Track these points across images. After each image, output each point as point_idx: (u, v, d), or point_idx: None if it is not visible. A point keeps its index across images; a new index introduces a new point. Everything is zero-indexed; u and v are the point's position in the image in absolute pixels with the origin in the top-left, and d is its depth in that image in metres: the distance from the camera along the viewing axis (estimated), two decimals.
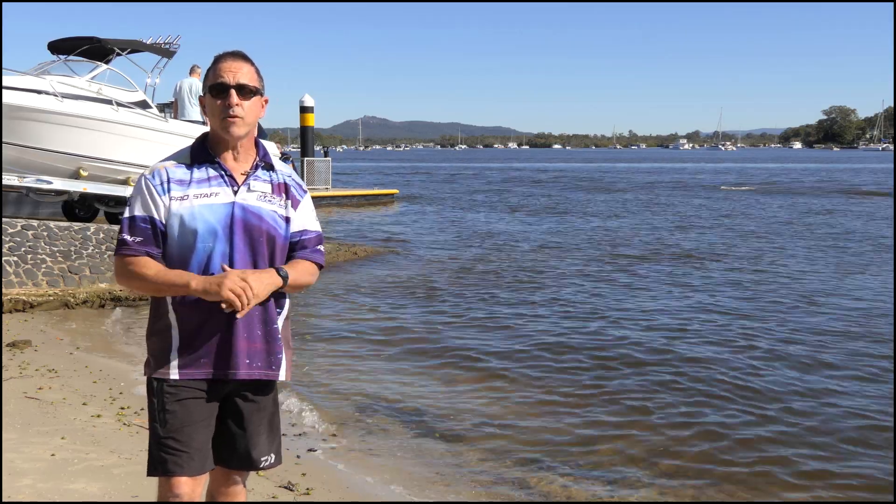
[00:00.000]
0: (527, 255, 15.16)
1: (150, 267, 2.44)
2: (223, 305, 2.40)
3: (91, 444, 4.83)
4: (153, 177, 2.51)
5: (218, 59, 2.55)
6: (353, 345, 8.33)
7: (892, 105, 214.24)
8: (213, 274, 2.46)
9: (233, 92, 2.48)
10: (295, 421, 5.88)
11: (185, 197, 2.48)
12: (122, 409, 5.70)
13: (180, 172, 2.51)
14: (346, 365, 7.56)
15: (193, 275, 2.42)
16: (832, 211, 25.01)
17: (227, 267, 2.45)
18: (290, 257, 2.63)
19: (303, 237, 2.64)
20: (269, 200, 2.57)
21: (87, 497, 4.00)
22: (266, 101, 2.63)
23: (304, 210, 2.66)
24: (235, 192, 2.52)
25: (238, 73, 2.50)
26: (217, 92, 2.49)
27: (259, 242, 2.52)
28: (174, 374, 2.49)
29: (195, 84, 14.17)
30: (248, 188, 2.54)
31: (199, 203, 2.48)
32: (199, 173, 2.52)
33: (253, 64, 2.58)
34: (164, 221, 2.48)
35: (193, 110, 14.13)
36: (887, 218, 22.25)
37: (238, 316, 2.44)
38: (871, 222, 21.33)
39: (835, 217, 22.95)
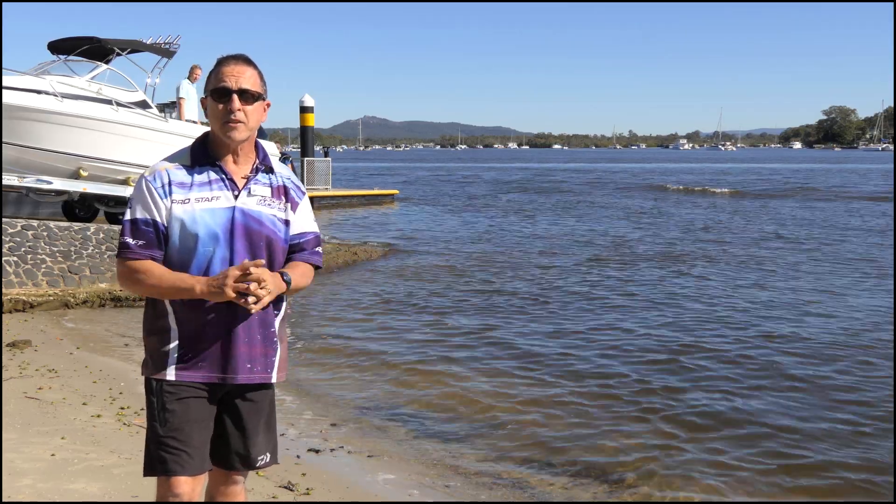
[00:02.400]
0: (530, 255, 15.15)
1: (154, 272, 2.44)
2: (242, 301, 2.38)
3: (91, 444, 4.83)
4: (154, 179, 2.49)
5: (221, 62, 2.53)
6: (353, 345, 8.33)
7: (892, 105, 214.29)
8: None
9: (235, 97, 2.46)
10: (295, 421, 5.88)
11: (187, 200, 2.47)
12: (122, 409, 5.70)
13: (181, 175, 2.50)
14: (346, 365, 7.56)
15: (198, 278, 2.42)
16: None
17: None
18: (288, 259, 2.63)
19: (301, 239, 2.64)
20: (269, 204, 2.56)
21: (87, 497, 4.01)
22: (268, 105, 2.61)
23: (303, 212, 2.67)
24: (236, 197, 2.51)
25: (241, 78, 2.48)
26: (219, 96, 2.48)
27: (259, 247, 2.52)
28: (171, 375, 2.48)
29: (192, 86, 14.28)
30: (249, 192, 2.54)
31: (200, 207, 2.47)
32: (199, 176, 2.51)
33: (256, 68, 2.56)
34: (165, 224, 2.47)
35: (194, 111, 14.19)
36: None
37: (253, 311, 2.43)
38: None
39: None
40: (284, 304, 2.66)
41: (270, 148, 16.22)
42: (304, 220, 2.66)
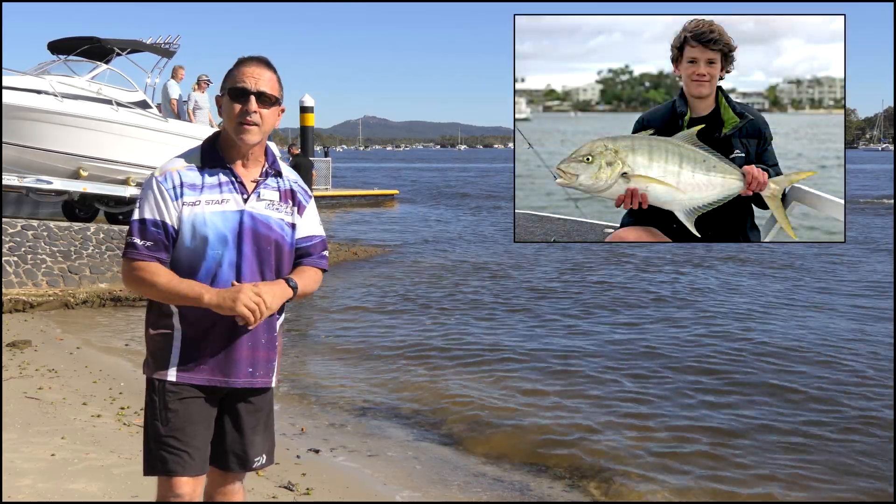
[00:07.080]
0: (528, 255, 15.15)
1: (161, 275, 2.42)
2: (237, 319, 2.40)
3: (91, 444, 4.83)
4: (165, 180, 2.47)
5: (241, 62, 2.52)
6: (353, 345, 8.33)
7: (892, 105, 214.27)
8: (220, 281, 2.45)
9: (252, 98, 2.45)
10: (295, 421, 5.88)
11: (198, 203, 2.46)
12: (122, 409, 5.70)
13: (192, 176, 2.49)
14: (345, 365, 7.56)
15: (206, 287, 2.40)
16: None
17: (236, 282, 2.44)
18: (296, 264, 2.62)
19: (308, 243, 2.63)
20: (277, 208, 2.55)
21: (87, 497, 4.01)
22: (283, 111, 2.59)
23: (310, 215, 2.66)
24: (245, 200, 2.50)
25: (260, 80, 2.48)
26: (236, 96, 2.46)
27: (266, 251, 2.51)
28: (172, 376, 2.48)
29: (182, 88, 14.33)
30: (258, 196, 2.53)
31: (209, 210, 2.46)
32: (210, 178, 2.49)
33: (276, 72, 2.55)
34: (175, 227, 2.45)
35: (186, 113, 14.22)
36: None
37: (249, 328, 2.44)
38: None
39: None
40: (285, 308, 2.66)
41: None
42: (310, 224, 2.65)
